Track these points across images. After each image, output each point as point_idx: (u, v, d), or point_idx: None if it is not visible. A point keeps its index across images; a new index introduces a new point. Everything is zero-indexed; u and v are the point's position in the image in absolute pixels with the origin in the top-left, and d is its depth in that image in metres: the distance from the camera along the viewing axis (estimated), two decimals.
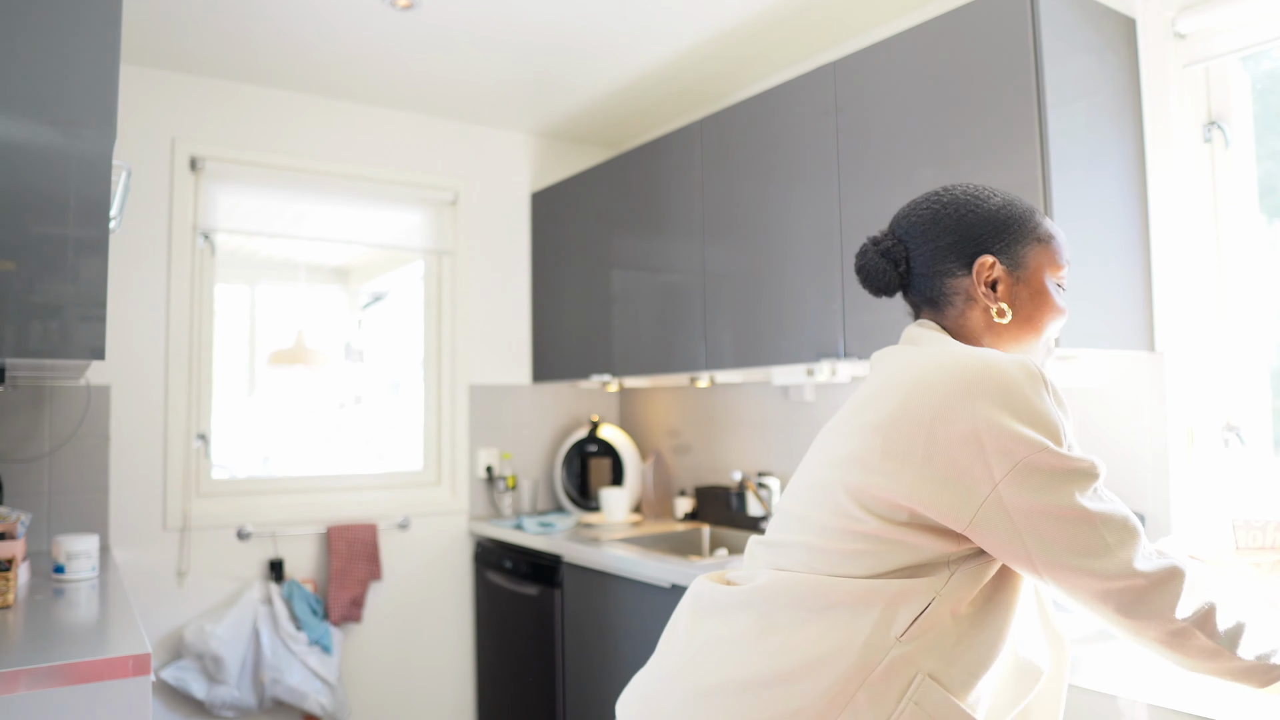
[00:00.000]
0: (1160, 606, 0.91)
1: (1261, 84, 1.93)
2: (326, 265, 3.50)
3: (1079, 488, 0.92)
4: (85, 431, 2.67)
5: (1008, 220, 1.13)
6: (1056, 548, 0.91)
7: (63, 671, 1.39)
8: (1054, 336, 1.17)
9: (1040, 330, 1.13)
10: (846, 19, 2.57)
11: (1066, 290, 1.17)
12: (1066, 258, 1.16)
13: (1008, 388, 0.95)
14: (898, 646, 0.93)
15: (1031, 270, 1.12)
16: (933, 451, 0.94)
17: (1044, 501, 0.91)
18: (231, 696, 2.73)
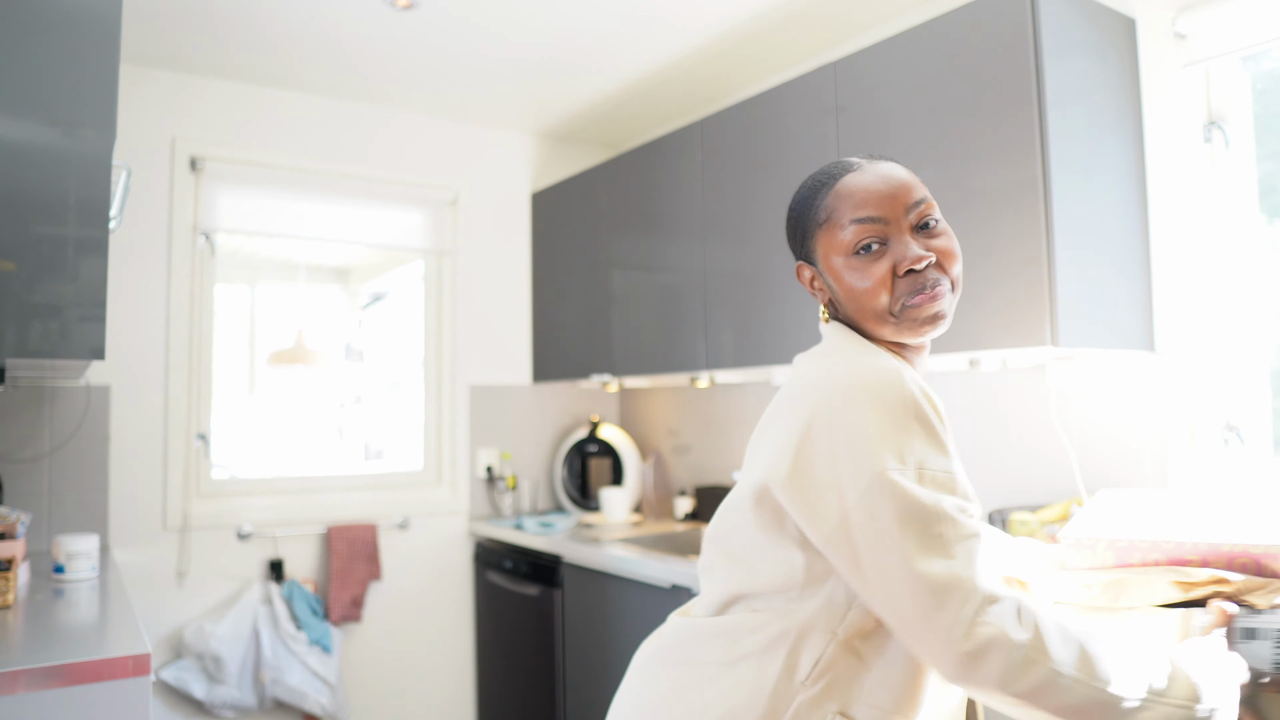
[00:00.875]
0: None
1: (1261, 84, 1.93)
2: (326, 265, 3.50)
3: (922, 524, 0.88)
4: (85, 431, 2.67)
5: (795, 220, 1.10)
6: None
7: (63, 671, 1.39)
8: (898, 310, 1.01)
9: (868, 313, 1.02)
10: (846, 19, 2.57)
11: (873, 249, 1.01)
12: (852, 218, 1.01)
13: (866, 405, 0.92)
14: (804, 690, 0.93)
15: (821, 261, 1.06)
16: (799, 469, 0.92)
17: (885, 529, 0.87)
18: (231, 696, 2.73)
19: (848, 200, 1.02)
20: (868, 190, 1.01)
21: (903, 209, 1.01)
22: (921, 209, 1.02)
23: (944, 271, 1.02)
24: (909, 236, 1.00)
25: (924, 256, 0.99)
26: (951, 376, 2.38)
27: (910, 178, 1.04)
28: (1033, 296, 1.80)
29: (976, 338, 1.92)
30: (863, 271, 1.00)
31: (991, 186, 1.90)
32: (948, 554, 0.86)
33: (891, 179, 1.02)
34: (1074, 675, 0.82)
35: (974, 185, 1.93)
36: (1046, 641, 0.83)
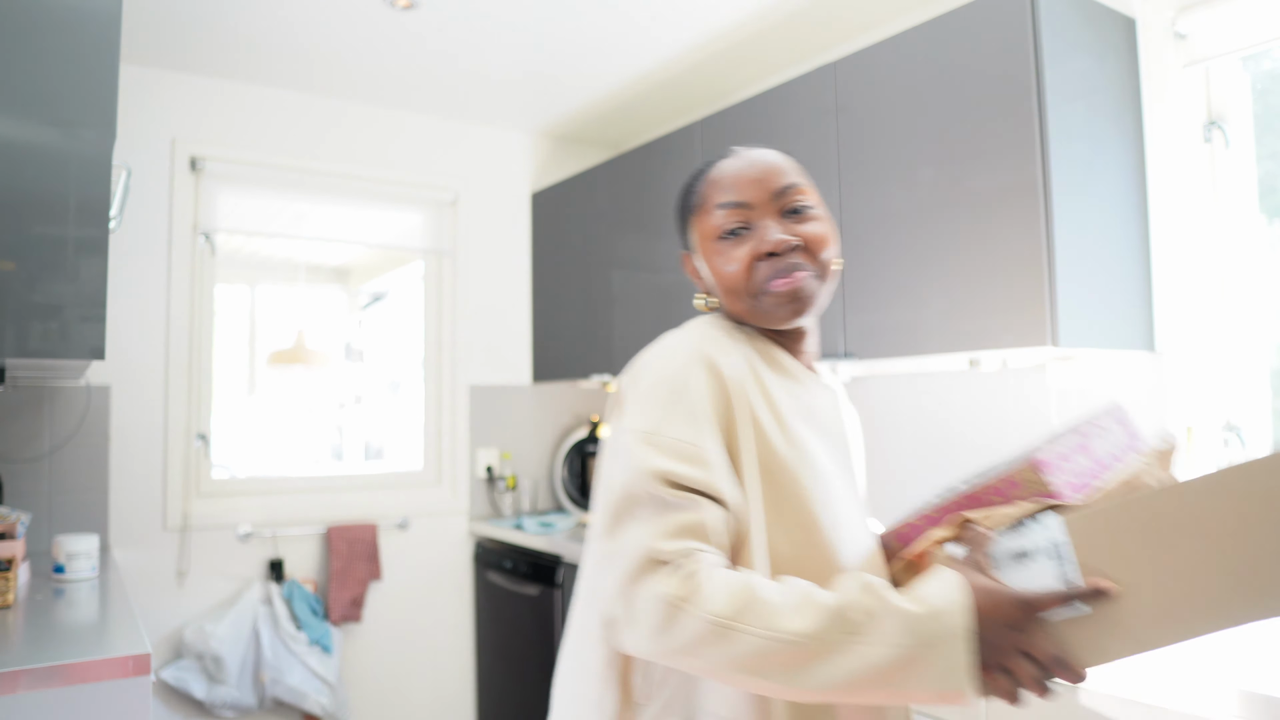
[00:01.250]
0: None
1: (1261, 84, 1.93)
2: (326, 265, 3.50)
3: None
4: (85, 431, 2.67)
5: (677, 209, 1.10)
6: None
7: (63, 671, 1.39)
8: (757, 293, 0.99)
9: (732, 296, 1.01)
10: (846, 19, 2.57)
11: (738, 234, 1.00)
12: (718, 202, 1.01)
13: (638, 385, 0.95)
14: (644, 712, 0.92)
15: (696, 247, 1.06)
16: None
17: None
18: (231, 696, 2.73)
19: (716, 186, 1.02)
20: (734, 175, 1.01)
21: (769, 193, 0.99)
22: (790, 193, 1.00)
23: (810, 257, 0.99)
24: (774, 221, 0.99)
25: (784, 240, 0.97)
26: (951, 376, 2.38)
27: (782, 162, 1.02)
28: (1033, 296, 1.80)
29: (976, 338, 1.93)
30: (727, 255, 0.99)
31: (991, 186, 1.90)
32: (639, 521, 0.85)
33: (760, 164, 1.01)
34: (735, 624, 0.78)
35: (974, 185, 1.93)
36: (704, 594, 0.79)
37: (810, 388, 1.04)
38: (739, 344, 1.00)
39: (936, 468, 2.42)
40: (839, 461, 1.02)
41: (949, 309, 1.98)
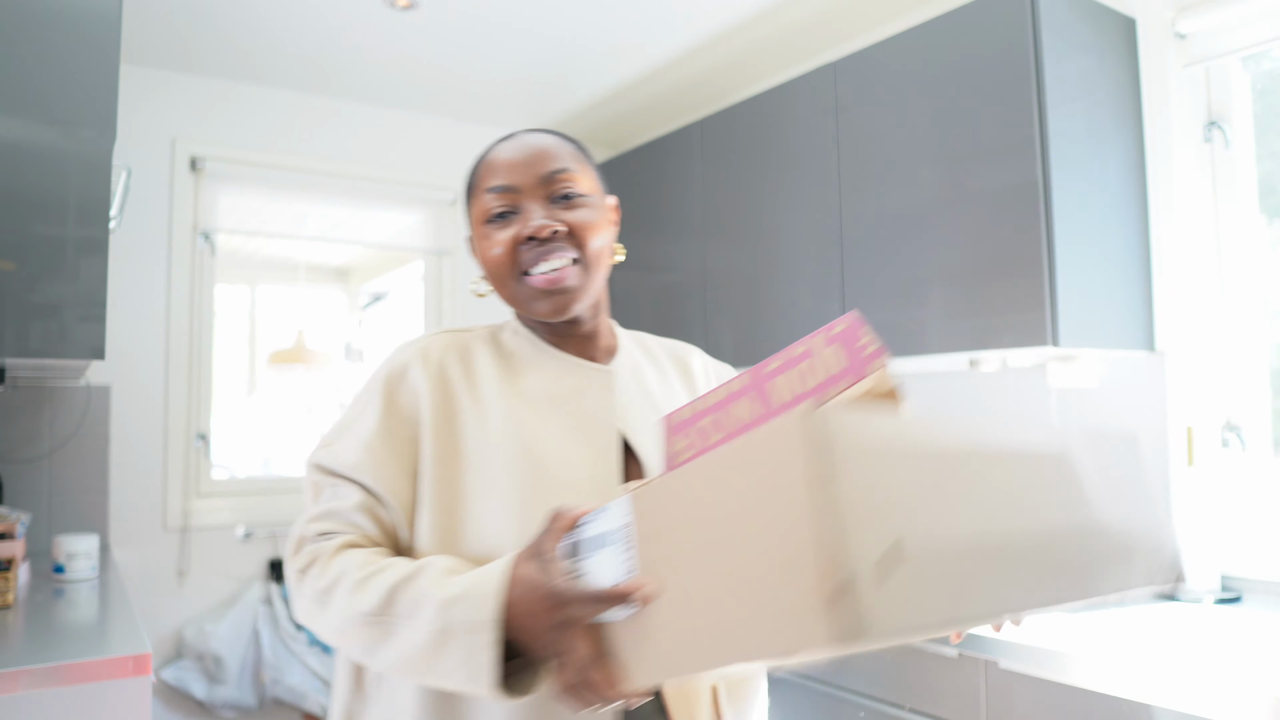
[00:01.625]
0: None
1: (1261, 84, 1.93)
2: (326, 265, 3.50)
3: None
4: (85, 431, 2.67)
5: (464, 193, 1.06)
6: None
7: (63, 671, 1.39)
8: (517, 278, 0.97)
9: (497, 281, 0.99)
10: (846, 19, 2.57)
11: (504, 218, 0.97)
12: (487, 186, 0.98)
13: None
14: (373, 705, 0.91)
15: (473, 231, 1.02)
16: None
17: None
18: (231, 696, 2.73)
19: (487, 169, 0.99)
20: (505, 159, 0.98)
21: (537, 178, 0.96)
22: (559, 178, 0.96)
23: (576, 245, 0.96)
24: (540, 206, 0.96)
25: (545, 225, 0.94)
26: (951, 376, 2.38)
27: (554, 146, 0.99)
28: (1033, 296, 1.80)
29: (976, 338, 1.93)
30: (491, 239, 0.97)
31: (991, 186, 1.90)
32: (303, 508, 0.94)
33: (531, 147, 0.98)
34: (327, 599, 0.83)
35: (974, 185, 1.93)
36: (315, 570, 0.86)
37: (573, 377, 0.99)
38: (458, 343, 1.00)
39: None
40: (591, 450, 0.94)
41: (949, 309, 1.98)
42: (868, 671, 1.77)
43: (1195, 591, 1.76)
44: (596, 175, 1.03)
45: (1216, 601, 1.73)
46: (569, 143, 1.02)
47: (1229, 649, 1.43)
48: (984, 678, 1.56)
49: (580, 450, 0.93)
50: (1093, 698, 1.40)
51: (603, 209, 1.01)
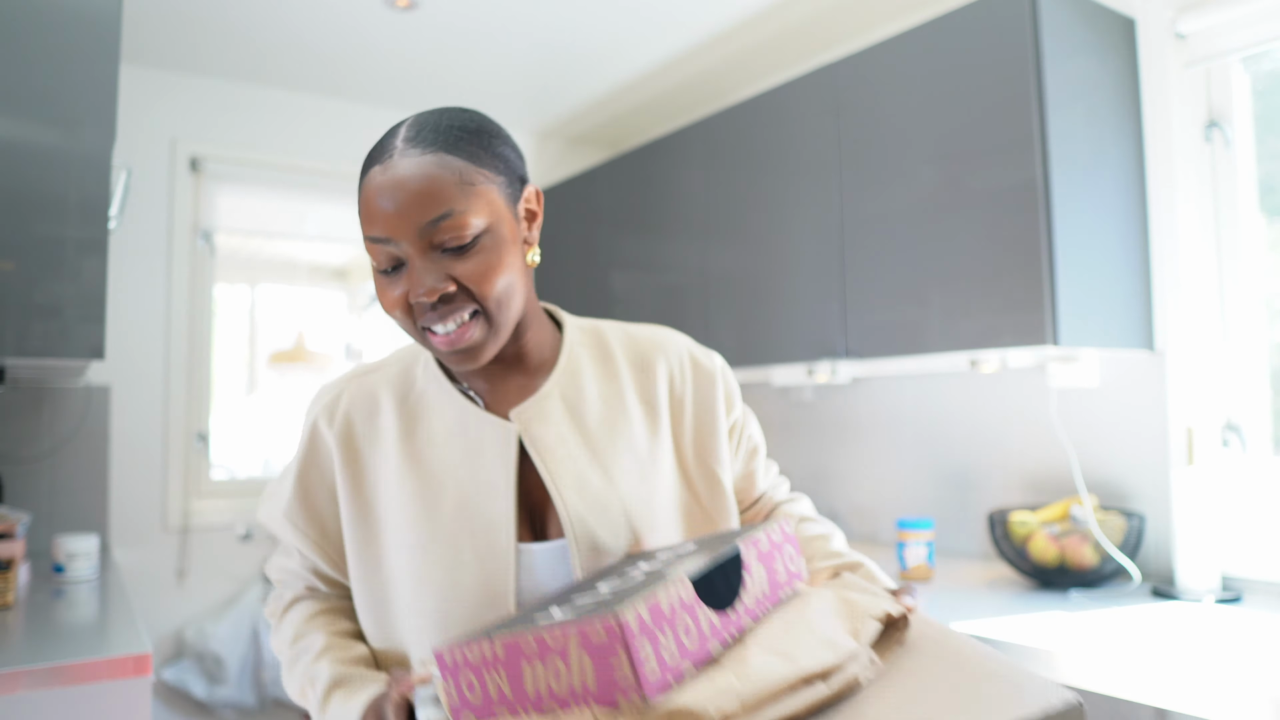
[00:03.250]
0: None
1: (1261, 84, 1.93)
2: (326, 265, 3.50)
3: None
4: (85, 431, 2.67)
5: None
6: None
7: (63, 672, 1.39)
8: (423, 336, 0.86)
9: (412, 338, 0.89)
10: (846, 19, 2.57)
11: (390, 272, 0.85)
12: (366, 232, 0.84)
13: None
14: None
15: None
16: None
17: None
18: (231, 696, 2.73)
19: (364, 206, 0.84)
20: (375, 204, 0.82)
21: (415, 229, 0.81)
22: (443, 226, 0.81)
23: (472, 298, 0.84)
24: (424, 261, 0.82)
25: (433, 289, 0.81)
26: (951, 377, 2.38)
27: (434, 182, 0.81)
28: (1033, 296, 1.80)
29: (976, 338, 1.93)
30: (382, 290, 0.85)
31: (991, 186, 1.90)
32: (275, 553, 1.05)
33: (405, 189, 0.81)
34: (284, 663, 0.98)
35: (974, 185, 1.93)
36: (275, 623, 1.02)
37: (473, 429, 0.92)
38: (365, 391, 0.96)
39: (937, 468, 2.42)
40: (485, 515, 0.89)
41: (949, 309, 1.98)
42: None
43: (1195, 591, 1.76)
44: (501, 179, 0.86)
45: (1216, 601, 1.73)
46: (456, 154, 0.83)
47: (1229, 649, 1.43)
48: None
49: (478, 511, 0.89)
50: (1093, 698, 1.40)
51: (503, 239, 0.85)
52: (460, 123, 0.86)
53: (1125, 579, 1.93)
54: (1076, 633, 1.53)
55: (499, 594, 0.87)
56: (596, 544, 0.88)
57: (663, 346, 1.02)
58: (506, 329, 0.87)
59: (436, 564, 0.88)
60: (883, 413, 2.57)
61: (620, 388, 0.97)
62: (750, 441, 1.07)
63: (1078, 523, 1.87)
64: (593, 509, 0.89)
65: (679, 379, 1.00)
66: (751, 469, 1.08)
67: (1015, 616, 1.66)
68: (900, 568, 2.06)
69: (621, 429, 0.95)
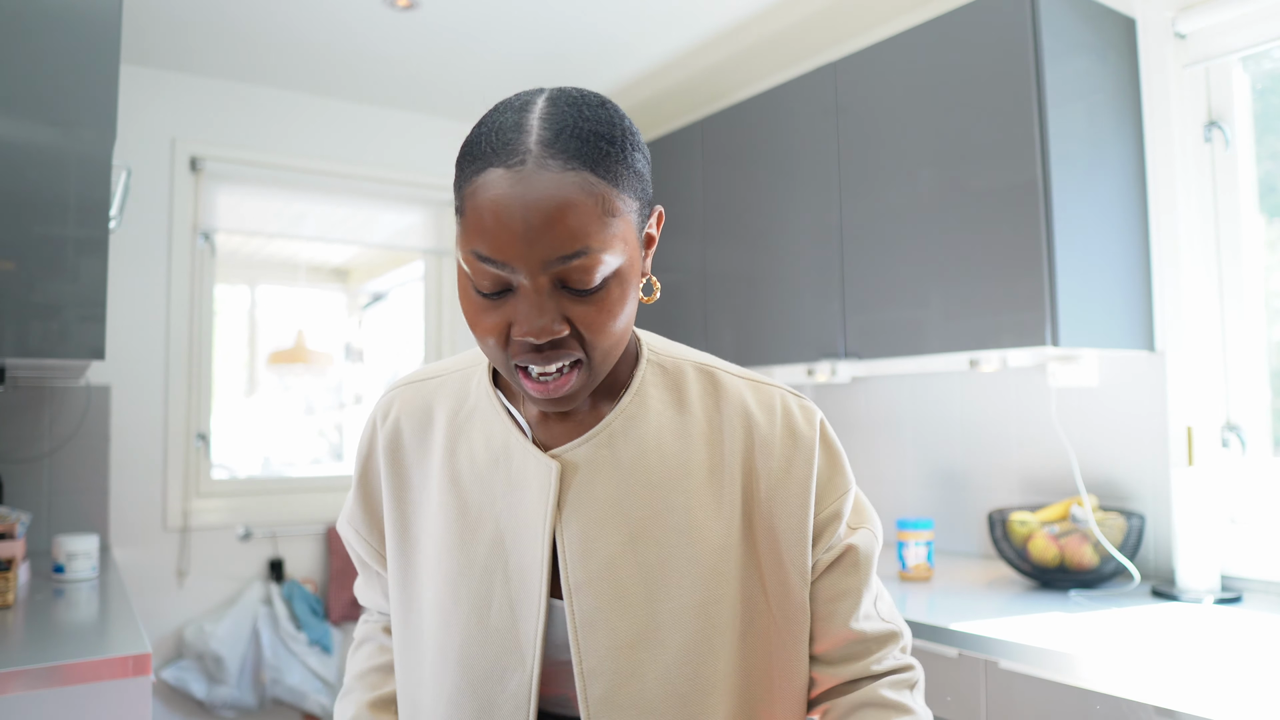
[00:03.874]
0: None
1: (1261, 84, 1.93)
2: (326, 265, 3.50)
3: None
4: (85, 431, 2.67)
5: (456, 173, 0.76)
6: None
7: (63, 672, 1.39)
8: (513, 372, 0.76)
9: (496, 367, 0.78)
10: (846, 19, 2.57)
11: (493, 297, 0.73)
12: (472, 247, 0.71)
13: None
14: None
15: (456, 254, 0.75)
16: None
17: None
18: (231, 696, 2.73)
19: (475, 214, 0.70)
20: (499, 219, 0.68)
21: (539, 263, 0.69)
22: (573, 266, 0.69)
23: (582, 346, 0.73)
24: (540, 296, 0.70)
25: (544, 330, 0.70)
26: (951, 376, 2.38)
27: (573, 211, 0.68)
28: (1033, 296, 1.80)
29: (976, 338, 1.93)
30: (478, 313, 0.74)
31: (991, 186, 1.90)
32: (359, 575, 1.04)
33: (537, 215, 0.67)
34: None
35: (974, 185, 1.93)
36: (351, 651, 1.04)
37: (517, 457, 0.83)
38: (419, 399, 0.90)
39: (937, 468, 2.42)
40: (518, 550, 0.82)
41: (949, 309, 1.98)
42: None
43: (1195, 591, 1.76)
44: (636, 202, 0.74)
45: (1216, 601, 1.73)
46: (600, 175, 0.70)
47: (1229, 649, 1.43)
48: (984, 678, 1.56)
49: (512, 552, 0.82)
50: (1093, 698, 1.40)
51: (630, 274, 0.74)
52: (604, 129, 0.71)
53: (1125, 579, 1.93)
54: (1076, 633, 1.53)
55: (524, 644, 0.80)
56: (595, 622, 0.79)
57: (750, 403, 0.85)
58: (605, 373, 0.77)
59: (465, 600, 0.82)
60: (882, 413, 2.57)
61: (687, 449, 0.83)
62: (843, 548, 0.85)
63: (1078, 523, 1.87)
64: (602, 580, 0.79)
65: (762, 447, 0.83)
66: (838, 593, 0.84)
67: (1015, 617, 1.66)
68: (900, 568, 2.06)
69: (677, 504, 0.81)
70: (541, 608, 0.80)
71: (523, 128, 0.71)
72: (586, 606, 0.79)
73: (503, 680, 0.80)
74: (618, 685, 0.78)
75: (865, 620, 0.85)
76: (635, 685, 0.78)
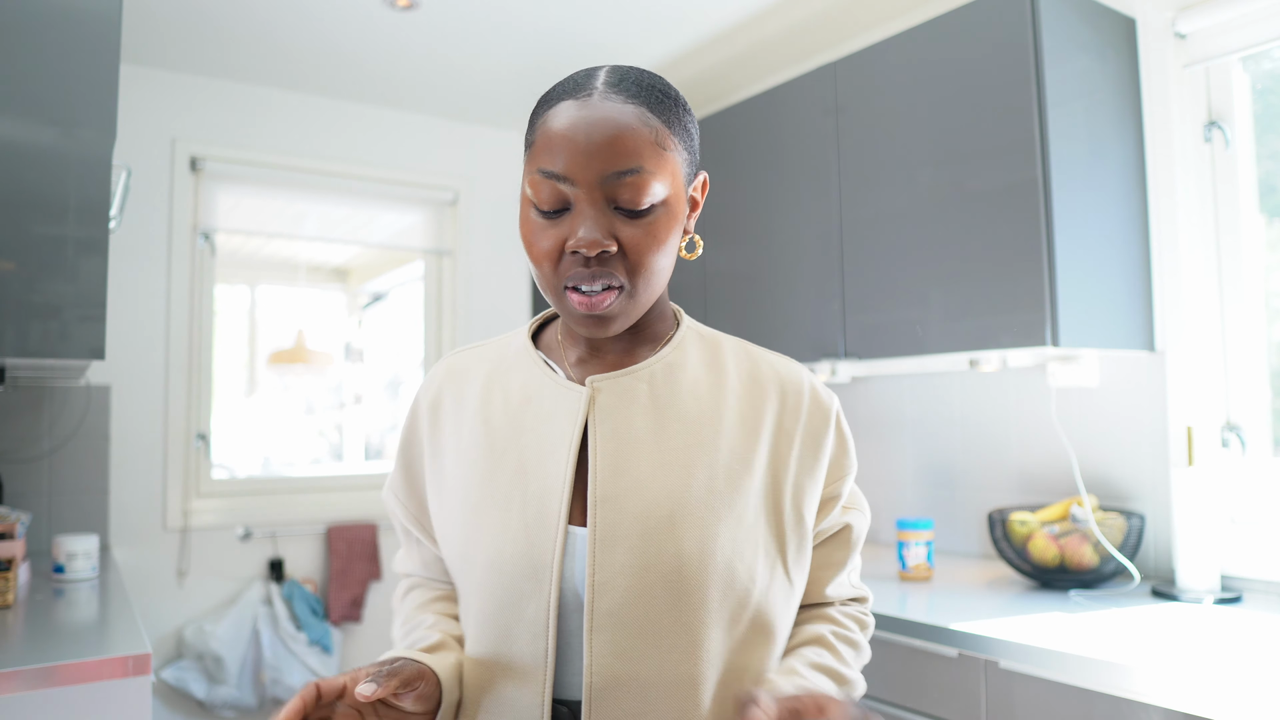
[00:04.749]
0: None
1: (1261, 84, 1.93)
2: (326, 265, 3.50)
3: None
4: (85, 431, 2.67)
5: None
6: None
7: (63, 671, 1.39)
8: (560, 291, 0.81)
9: (544, 289, 0.83)
10: (846, 19, 2.57)
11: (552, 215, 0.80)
12: (539, 165, 0.79)
13: None
14: None
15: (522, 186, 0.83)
16: None
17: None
18: (231, 696, 2.73)
19: (545, 138, 0.79)
20: (565, 137, 0.77)
21: (598, 176, 0.77)
22: (626, 182, 0.77)
23: (628, 269, 0.80)
24: (596, 211, 0.78)
25: (595, 243, 0.77)
26: (951, 376, 2.38)
27: (632, 133, 0.78)
28: (1033, 296, 1.80)
29: (976, 338, 1.93)
30: (535, 232, 0.80)
31: (991, 186, 1.90)
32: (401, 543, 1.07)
33: (599, 130, 0.77)
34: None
35: (974, 185, 1.93)
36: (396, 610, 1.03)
37: (550, 390, 0.88)
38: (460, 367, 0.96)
39: (936, 468, 2.42)
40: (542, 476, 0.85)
41: (949, 309, 1.98)
42: (869, 671, 1.77)
43: (1195, 591, 1.76)
44: (685, 157, 0.85)
45: (1216, 601, 1.73)
46: (656, 114, 0.80)
47: (1229, 649, 1.43)
48: (984, 678, 1.56)
49: (533, 476, 0.84)
50: (1093, 697, 1.40)
51: (674, 216, 0.82)
52: (663, 85, 0.84)
53: (1125, 579, 1.93)
54: (1076, 633, 1.53)
55: (542, 568, 0.80)
56: (615, 537, 0.79)
57: (782, 373, 0.91)
58: (644, 307, 0.84)
59: (486, 528, 0.84)
60: (882, 413, 2.57)
61: (721, 399, 0.87)
62: (841, 525, 0.93)
63: (1078, 523, 1.87)
64: (629, 498, 0.80)
65: (791, 411, 0.88)
66: (826, 563, 0.92)
67: (1015, 617, 1.66)
68: (900, 568, 2.06)
69: (707, 440, 0.84)
70: (559, 532, 0.81)
71: (592, 74, 0.82)
72: (609, 523, 0.80)
73: (520, 608, 0.81)
74: (626, 604, 0.79)
75: (838, 586, 0.95)
76: (641, 607, 0.79)
